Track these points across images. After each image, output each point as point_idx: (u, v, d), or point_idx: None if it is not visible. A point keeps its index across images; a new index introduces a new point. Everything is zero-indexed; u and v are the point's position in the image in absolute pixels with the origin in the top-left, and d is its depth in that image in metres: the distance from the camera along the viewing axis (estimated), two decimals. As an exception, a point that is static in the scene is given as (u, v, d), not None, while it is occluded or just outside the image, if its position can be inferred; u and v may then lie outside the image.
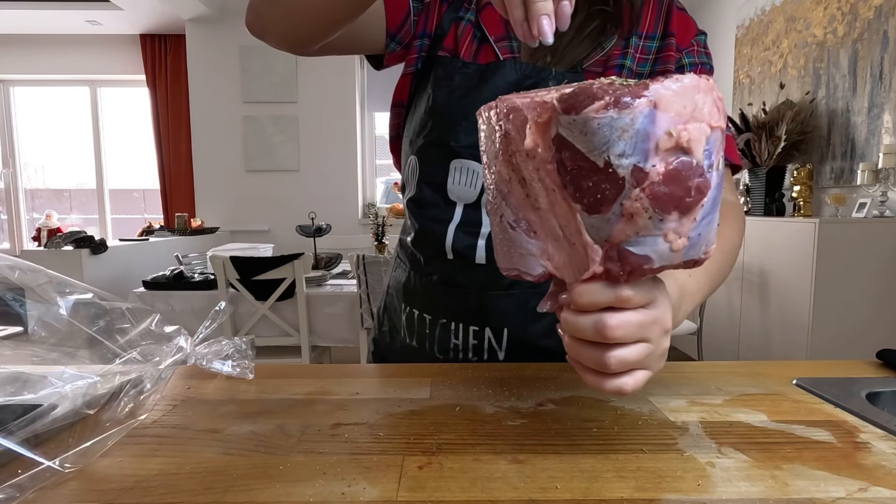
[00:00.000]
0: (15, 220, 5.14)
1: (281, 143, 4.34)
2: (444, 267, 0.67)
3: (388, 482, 0.34)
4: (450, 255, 0.65)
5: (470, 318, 0.67)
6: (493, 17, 0.65)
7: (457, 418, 0.45)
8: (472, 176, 0.63)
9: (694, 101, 0.30)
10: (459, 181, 0.64)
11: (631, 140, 0.30)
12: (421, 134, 0.66)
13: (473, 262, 0.65)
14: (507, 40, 0.65)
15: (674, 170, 0.30)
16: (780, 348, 2.51)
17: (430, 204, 0.66)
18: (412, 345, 0.71)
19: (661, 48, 0.65)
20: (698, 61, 0.66)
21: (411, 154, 0.68)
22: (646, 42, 0.65)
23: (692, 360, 1.25)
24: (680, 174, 0.30)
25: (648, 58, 0.65)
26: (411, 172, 0.68)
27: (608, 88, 0.30)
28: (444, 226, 0.65)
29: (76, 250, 2.73)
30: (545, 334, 0.67)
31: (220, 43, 4.35)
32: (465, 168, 0.63)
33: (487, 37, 0.65)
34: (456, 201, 0.65)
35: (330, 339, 2.35)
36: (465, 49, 0.65)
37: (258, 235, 4.45)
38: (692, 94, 0.30)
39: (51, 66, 4.78)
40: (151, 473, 0.36)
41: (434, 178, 0.65)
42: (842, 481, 0.34)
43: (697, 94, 0.30)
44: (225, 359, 0.54)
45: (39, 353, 0.41)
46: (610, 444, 0.40)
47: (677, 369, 0.59)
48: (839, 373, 0.57)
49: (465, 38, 0.66)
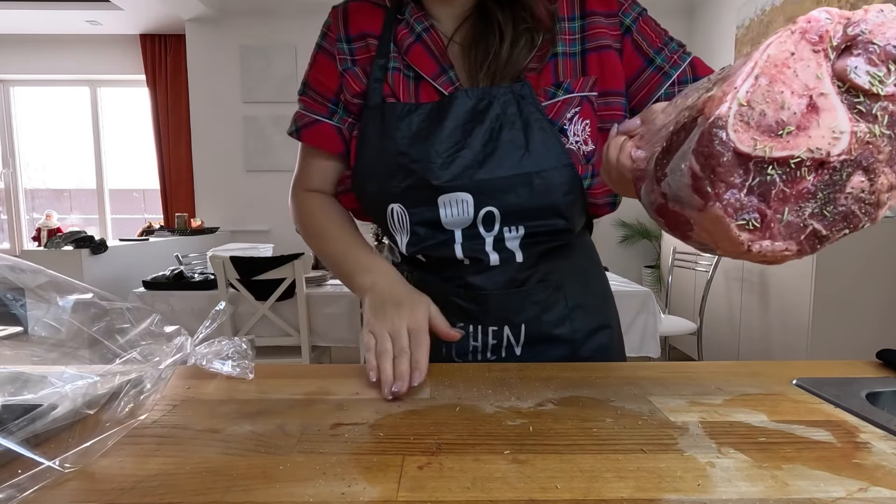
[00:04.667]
0: (15, 220, 5.14)
1: (281, 143, 4.34)
2: (459, 272, 0.67)
3: (388, 482, 0.34)
4: (465, 261, 0.66)
5: (489, 318, 0.68)
6: (419, 56, 0.66)
7: (457, 418, 0.45)
8: (463, 205, 0.63)
9: (722, 237, 0.35)
10: (452, 213, 0.64)
11: (675, 191, 0.36)
12: (393, 181, 0.64)
13: (489, 265, 0.66)
14: (444, 74, 0.65)
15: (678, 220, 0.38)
16: (780, 348, 2.51)
17: (427, 238, 0.66)
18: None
19: (585, 26, 0.65)
20: (635, 14, 0.66)
21: (390, 203, 0.66)
22: (568, 24, 0.66)
23: (692, 360, 1.25)
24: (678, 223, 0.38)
25: (576, 37, 0.66)
26: (397, 220, 0.67)
27: (719, 170, 0.33)
28: (449, 246, 0.66)
29: (76, 250, 2.73)
30: (557, 323, 0.69)
31: (220, 43, 4.35)
32: (454, 200, 0.63)
33: (422, 76, 0.66)
34: (453, 229, 0.65)
35: (330, 339, 2.35)
36: (403, 93, 0.66)
37: (258, 235, 4.44)
38: (725, 235, 0.34)
39: (51, 66, 4.78)
40: (151, 473, 0.36)
41: (425, 217, 0.65)
42: (842, 481, 0.34)
43: (728, 242, 0.34)
44: (225, 359, 0.54)
45: (39, 353, 0.41)
46: (610, 444, 0.40)
47: (677, 369, 0.59)
48: (839, 373, 0.57)
49: (400, 83, 0.66)
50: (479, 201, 0.63)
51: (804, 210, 0.33)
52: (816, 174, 0.33)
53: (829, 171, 0.33)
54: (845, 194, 0.34)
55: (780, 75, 0.33)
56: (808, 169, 0.33)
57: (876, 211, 0.34)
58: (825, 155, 0.33)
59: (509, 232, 0.65)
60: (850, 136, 0.33)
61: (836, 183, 0.33)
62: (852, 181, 0.33)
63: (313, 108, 0.71)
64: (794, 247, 0.34)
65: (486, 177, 0.62)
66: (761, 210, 0.33)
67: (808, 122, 0.33)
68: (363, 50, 0.69)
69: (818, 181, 0.33)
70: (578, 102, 0.64)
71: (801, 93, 0.33)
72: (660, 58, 0.65)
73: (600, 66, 0.65)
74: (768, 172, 0.33)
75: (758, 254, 0.34)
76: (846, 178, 0.33)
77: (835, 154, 0.33)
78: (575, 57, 0.65)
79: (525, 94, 0.63)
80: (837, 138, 0.33)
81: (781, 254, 0.34)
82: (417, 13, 0.67)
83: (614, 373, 0.57)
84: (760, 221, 0.33)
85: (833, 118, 0.33)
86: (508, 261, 0.66)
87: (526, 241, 0.66)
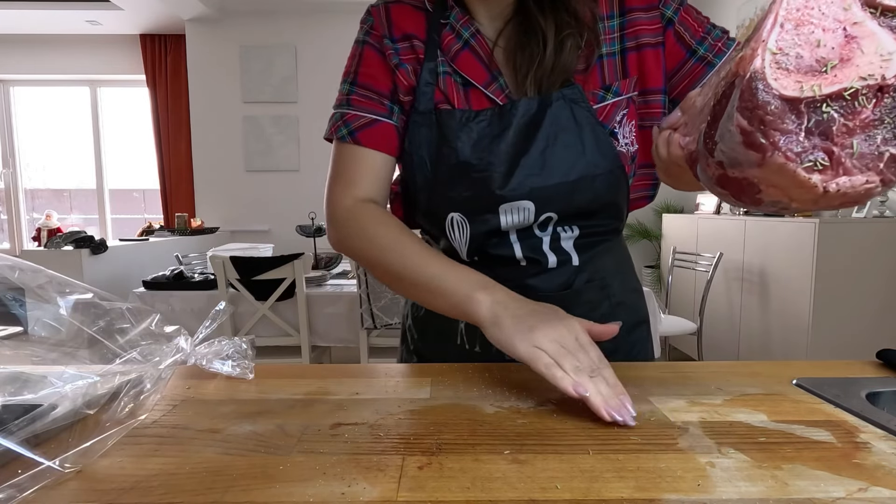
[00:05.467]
0: (15, 220, 5.14)
1: (281, 143, 4.33)
2: (516, 274, 0.67)
3: (388, 482, 0.34)
4: (523, 262, 0.67)
5: None
6: (468, 63, 0.65)
7: (457, 418, 0.45)
8: (524, 212, 0.64)
9: (792, 186, 0.34)
10: (513, 220, 0.64)
11: (731, 154, 0.34)
12: (454, 190, 0.65)
13: (546, 268, 0.66)
14: (494, 81, 0.65)
15: (742, 184, 0.36)
16: (780, 348, 2.51)
17: (487, 241, 0.67)
18: (475, 350, 0.71)
19: (625, 24, 0.65)
20: (677, 5, 0.65)
21: (451, 212, 0.66)
22: (608, 22, 0.65)
23: (692, 360, 1.25)
24: (742, 189, 0.36)
25: (615, 35, 0.65)
26: (457, 228, 0.67)
27: (769, 119, 0.31)
28: (509, 247, 0.66)
29: (76, 250, 2.73)
30: (602, 321, 0.67)
31: (220, 43, 4.35)
32: (515, 208, 0.63)
33: (471, 82, 0.65)
34: (508, 231, 0.65)
35: (330, 339, 2.35)
36: (457, 99, 0.65)
37: (258, 235, 4.44)
38: (794, 183, 0.33)
39: (51, 66, 4.78)
40: (151, 473, 0.36)
41: (487, 225, 0.65)
42: (842, 481, 0.34)
43: (799, 188, 0.34)
44: (225, 359, 0.54)
45: (39, 353, 0.41)
46: (610, 444, 0.40)
47: (677, 369, 0.59)
48: (839, 373, 0.57)
49: (452, 89, 0.66)
50: (539, 207, 0.63)
51: (875, 138, 0.32)
52: (877, 100, 0.32)
53: (891, 93, 0.32)
54: None
55: (806, 17, 0.32)
56: (866, 97, 0.31)
57: None
58: (881, 79, 0.31)
59: (564, 232, 0.66)
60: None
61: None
62: None
63: (368, 106, 0.67)
64: (876, 177, 0.32)
65: (546, 183, 0.62)
66: (826, 148, 0.32)
67: (850, 53, 0.32)
68: (408, 51, 0.67)
69: (881, 107, 0.32)
70: (626, 104, 0.65)
71: (833, 28, 0.32)
72: (703, 48, 0.64)
73: (639, 64, 0.65)
74: (823, 111, 0.31)
75: (837, 193, 0.32)
76: None
77: (890, 76, 0.31)
78: (615, 56, 0.65)
79: (577, 98, 0.63)
80: (888, 59, 0.31)
81: (864, 187, 0.32)
82: (463, 18, 0.66)
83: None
84: (829, 160, 0.32)
85: (876, 42, 0.32)
86: (565, 262, 0.67)
87: (580, 241, 0.66)
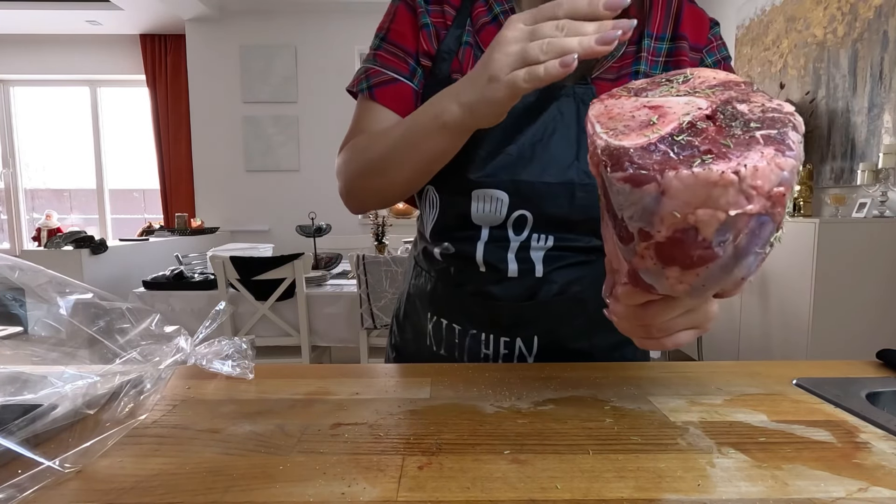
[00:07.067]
0: (15, 220, 5.14)
1: (281, 143, 4.33)
2: (476, 279, 0.66)
3: (388, 482, 0.34)
4: (482, 268, 0.65)
5: (502, 328, 0.66)
6: (490, 38, 0.62)
7: (457, 418, 0.45)
8: (497, 203, 0.62)
9: (708, 192, 0.32)
10: (483, 209, 0.63)
11: (638, 211, 0.34)
12: None
13: (506, 276, 0.64)
14: None
15: (676, 238, 0.33)
16: (780, 348, 2.51)
17: (456, 227, 0.65)
18: (440, 353, 0.70)
19: (672, 50, 0.64)
20: (720, 57, 0.65)
21: (426, 183, 0.64)
22: (656, 44, 0.64)
23: (692, 360, 1.25)
24: (682, 243, 0.33)
25: (659, 60, 0.64)
26: (429, 203, 0.67)
27: (637, 157, 0.33)
28: (473, 243, 0.65)
29: (76, 250, 2.73)
30: (577, 337, 0.67)
31: (220, 43, 4.36)
32: (488, 196, 0.62)
33: None
34: (481, 225, 0.64)
35: (330, 339, 2.36)
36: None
37: (258, 235, 4.45)
38: (707, 188, 0.31)
39: (51, 66, 4.79)
40: (151, 473, 0.36)
41: (456, 206, 0.64)
42: (842, 481, 0.34)
43: (714, 188, 0.31)
44: (225, 359, 0.54)
45: (39, 353, 0.41)
46: (610, 444, 0.40)
47: (677, 369, 0.59)
48: (839, 373, 0.57)
49: (469, 61, 0.64)
50: (514, 202, 0.61)
51: (733, 130, 0.34)
52: (713, 122, 0.35)
53: (718, 114, 0.35)
54: (750, 106, 0.36)
55: (613, 112, 0.39)
56: (703, 122, 0.35)
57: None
58: (700, 114, 0.35)
59: (537, 241, 0.63)
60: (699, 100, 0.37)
61: (733, 111, 0.35)
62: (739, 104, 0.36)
63: (392, 64, 0.65)
64: (769, 149, 0.32)
65: (527, 179, 0.60)
66: (706, 150, 0.33)
67: (663, 112, 0.36)
68: (439, 14, 0.65)
69: (720, 121, 0.35)
70: None
71: (636, 108, 0.38)
72: None
73: None
74: (677, 139, 0.34)
75: (756, 172, 0.31)
76: (737, 104, 0.36)
77: (705, 106, 0.36)
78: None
79: (587, 98, 0.60)
80: (690, 105, 0.36)
81: (773, 161, 0.31)
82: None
83: (614, 373, 0.57)
84: (714, 154, 0.32)
85: (673, 102, 0.37)
86: (527, 273, 0.64)
87: (552, 252, 0.64)
